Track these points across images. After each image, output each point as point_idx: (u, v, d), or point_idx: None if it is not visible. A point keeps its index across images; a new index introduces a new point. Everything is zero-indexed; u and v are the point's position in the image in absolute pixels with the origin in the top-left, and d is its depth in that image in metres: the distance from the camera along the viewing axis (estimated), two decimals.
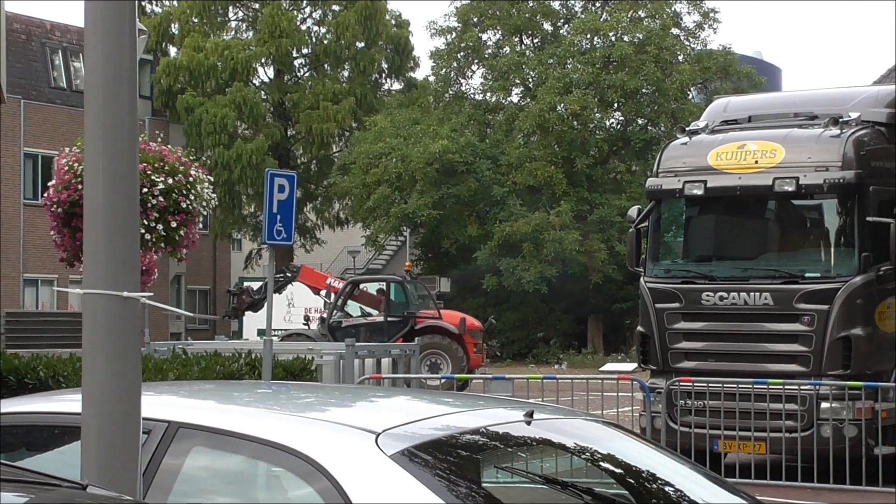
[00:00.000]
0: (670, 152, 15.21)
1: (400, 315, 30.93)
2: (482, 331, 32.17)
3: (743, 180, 14.33)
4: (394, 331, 30.24)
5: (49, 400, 5.09)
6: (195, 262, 48.89)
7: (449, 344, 30.34)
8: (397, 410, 4.86)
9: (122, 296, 3.93)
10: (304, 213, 52.25)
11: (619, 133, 47.02)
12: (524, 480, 4.36)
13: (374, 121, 46.67)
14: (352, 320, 31.17)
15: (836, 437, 13.71)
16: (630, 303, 41.28)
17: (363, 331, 30.48)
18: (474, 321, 31.81)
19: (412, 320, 30.63)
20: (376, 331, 30.32)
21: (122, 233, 3.97)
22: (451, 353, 30.23)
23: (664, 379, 14.72)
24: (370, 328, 30.65)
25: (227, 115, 47.66)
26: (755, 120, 15.26)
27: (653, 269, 15.12)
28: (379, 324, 30.74)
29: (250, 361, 14.01)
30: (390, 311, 31.11)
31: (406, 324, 30.60)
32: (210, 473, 4.38)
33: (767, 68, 56.58)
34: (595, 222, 43.83)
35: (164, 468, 4.25)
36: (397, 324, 30.68)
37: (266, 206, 13.47)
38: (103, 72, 3.97)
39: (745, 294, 14.30)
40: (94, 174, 3.98)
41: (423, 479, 3.97)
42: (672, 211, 15.43)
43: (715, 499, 4.61)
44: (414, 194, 44.01)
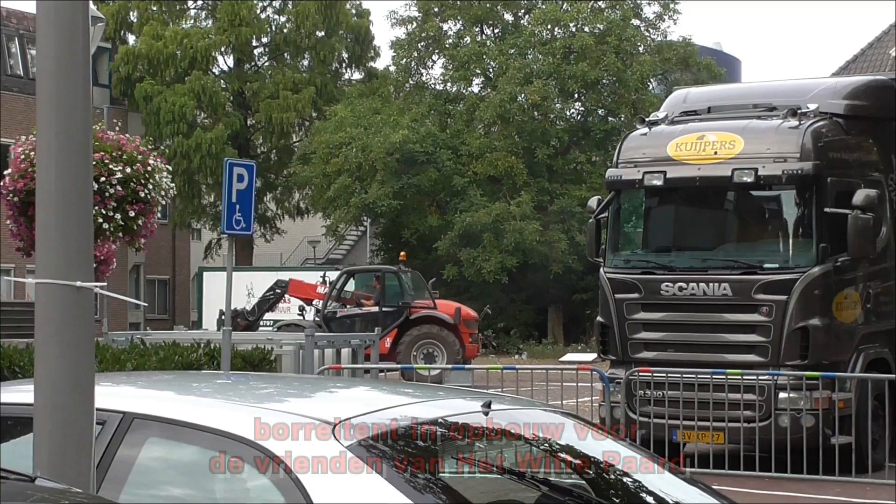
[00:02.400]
0: (630, 143, 15.23)
1: (395, 305, 30.69)
2: (477, 321, 32.01)
3: (702, 171, 14.36)
4: (389, 321, 30.02)
5: (3, 391, 5.03)
6: (154, 251, 48.66)
7: (444, 334, 30.24)
8: (355, 401, 4.83)
9: (75, 285, 3.90)
10: (264, 202, 52.07)
11: (579, 124, 46.78)
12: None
13: (335, 110, 46.36)
14: (347, 311, 30.90)
15: (794, 427, 13.75)
16: (590, 293, 40.89)
17: (358, 321, 30.23)
18: (469, 311, 31.63)
19: (407, 310, 30.46)
20: (371, 321, 30.02)
21: (76, 222, 3.94)
22: (446, 344, 30.14)
23: (623, 369, 14.73)
24: (365, 318, 30.24)
25: (186, 103, 47.27)
26: (715, 111, 15.27)
27: (612, 259, 15.14)
28: (374, 314, 30.36)
29: (209, 352, 14.08)
30: (385, 301, 30.91)
31: (401, 314, 30.42)
32: (165, 465, 4.35)
33: (727, 60, 56.78)
34: (555, 213, 43.68)
35: (118, 459, 4.22)
36: (392, 314, 30.45)
37: (225, 196, 13.39)
38: (56, 59, 3.93)
39: (703, 284, 14.31)
40: (46, 163, 3.95)
41: (381, 469, 3.96)
42: (632, 201, 15.44)
43: (671, 489, 4.61)
44: (374, 184, 43.81)
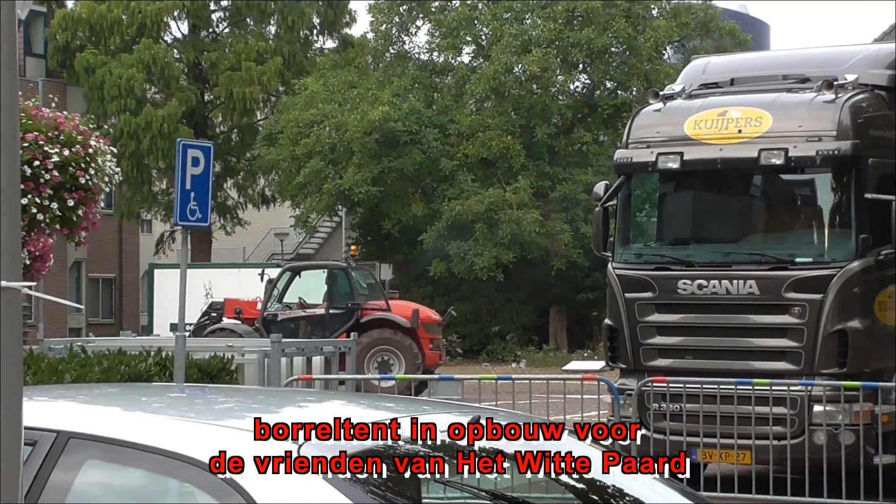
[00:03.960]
0: (642, 120, 15.20)
1: (343, 307, 30.82)
2: (440, 324, 32.09)
3: (724, 152, 14.35)
4: (337, 324, 30.12)
5: None
6: (98, 246, 48.50)
7: (400, 339, 30.27)
8: (326, 417, 4.79)
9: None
10: (224, 189, 51.77)
11: (584, 98, 46.79)
12: (469, 496, 4.33)
13: (305, 84, 46.27)
14: (290, 313, 31.05)
15: (831, 445, 13.67)
16: (597, 292, 40.89)
17: (303, 325, 30.40)
18: (431, 313, 31.74)
19: (357, 312, 30.51)
20: (317, 325, 30.21)
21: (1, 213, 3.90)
22: (403, 350, 30.11)
23: (635, 379, 14.72)
24: (311, 322, 30.50)
25: (135, 76, 46.93)
26: (738, 83, 15.25)
27: (622, 253, 15.11)
28: (320, 317, 30.63)
29: (161, 361, 14.13)
30: (333, 302, 31.00)
31: (351, 316, 30.47)
32: (105, 490, 4.34)
33: (753, 24, 56.97)
34: (557, 200, 43.72)
35: (51, 485, 4.21)
36: (340, 316, 30.58)
37: (178, 182, 13.34)
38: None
39: (726, 282, 14.31)
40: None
41: (353, 495, 3.94)
42: (644, 187, 15.43)
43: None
44: (350, 168, 43.75)
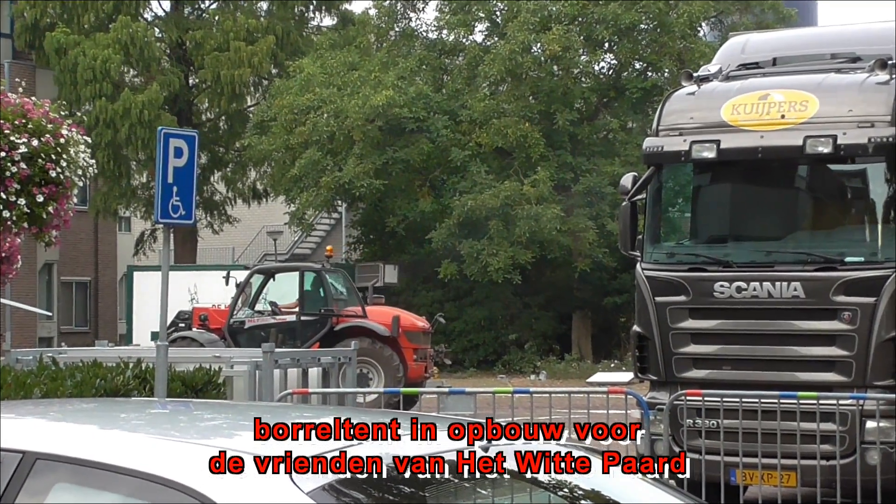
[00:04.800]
0: (674, 104, 15.16)
1: (316, 313, 30.83)
2: (427, 333, 31.93)
3: (766, 139, 14.29)
4: (309, 332, 30.24)
5: None
6: (70, 246, 48.55)
7: (379, 350, 30.17)
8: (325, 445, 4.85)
9: None
10: (211, 183, 51.85)
11: (610, 81, 46.97)
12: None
13: (300, 66, 46.19)
14: (258, 320, 31.16)
15: (885, 465, 13.63)
16: (625, 296, 41.36)
17: (273, 333, 30.44)
18: (415, 320, 31.68)
19: (330, 320, 30.56)
20: (288, 333, 30.17)
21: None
22: (382, 362, 30.00)
23: (667, 392, 14.75)
24: (281, 329, 30.63)
25: (111, 57, 46.74)
26: (782, 63, 15.21)
27: (652, 252, 15.11)
28: (291, 324, 30.71)
29: (140, 373, 14.16)
30: (305, 308, 31.03)
31: (324, 324, 30.56)
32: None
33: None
34: (581, 194, 43.72)
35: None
36: (313, 324, 30.64)
37: (159, 176, 13.35)
38: None
39: (768, 284, 14.27)
40: None
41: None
42: (676, 179, 15.49)
43: None
44: (351, 159, 43.74)
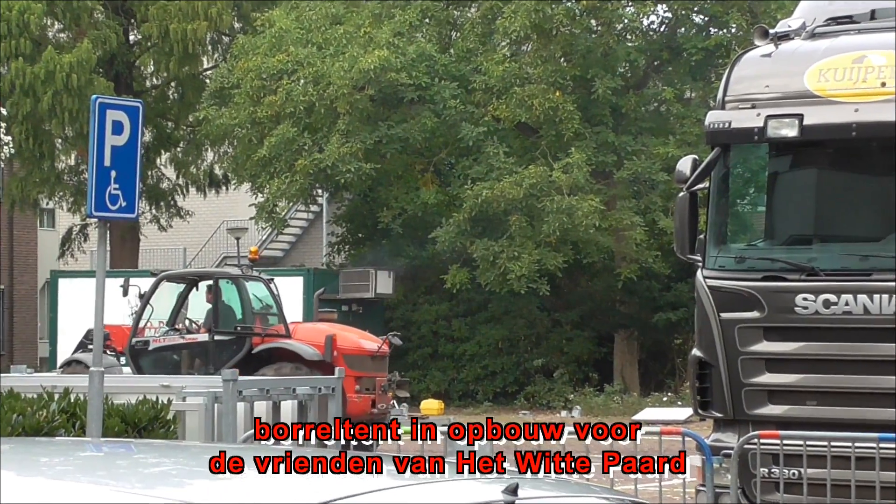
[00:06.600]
0: (745, 69, 14.64)
1: (230, 331, 28.43)
2: (378, 357, 28.74)
3: (861, 113, 13.66)
4: (224, 356, 27.69)
5: None
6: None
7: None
8: (302, 486, 4.94)
9: None
10: (157, 167, 49.31)
11: (663, 39, 44.65)
12: None
13: (270, 18, 43.55)
14: (165, 340, 28.74)
15: None
16: (682, 311, 40.95)
17: (186, 356, 28.40)
18: (360, 342, 28.70)
19: (249, 340, 28.09)
20: (200, 354, 28.34)
21: None
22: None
23: (736, 433, 14.42)
24: (193, 351, 28.50)
25: (32, 9, 44.28)
26: (882, 16, 14.36)
27: (717, 256, 14.66)
28: (202, 345, 28.49)
29: (68, 407, 14.12)
30: (217, 325, 28.55)
31: (241, 345, 28.08)
32: None
33: None
34: (625, 182, 41.49)
35: None
36: (227, 345, 28.27)
37: (93, 157, 13.10)
38: None
39: (864, 297, 13.68)
40: None
41: None
42: (748, 164, 15.34)
43: None
44: (334, 137, 40.97)
